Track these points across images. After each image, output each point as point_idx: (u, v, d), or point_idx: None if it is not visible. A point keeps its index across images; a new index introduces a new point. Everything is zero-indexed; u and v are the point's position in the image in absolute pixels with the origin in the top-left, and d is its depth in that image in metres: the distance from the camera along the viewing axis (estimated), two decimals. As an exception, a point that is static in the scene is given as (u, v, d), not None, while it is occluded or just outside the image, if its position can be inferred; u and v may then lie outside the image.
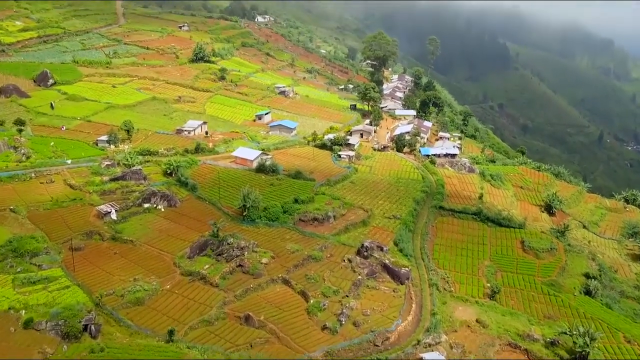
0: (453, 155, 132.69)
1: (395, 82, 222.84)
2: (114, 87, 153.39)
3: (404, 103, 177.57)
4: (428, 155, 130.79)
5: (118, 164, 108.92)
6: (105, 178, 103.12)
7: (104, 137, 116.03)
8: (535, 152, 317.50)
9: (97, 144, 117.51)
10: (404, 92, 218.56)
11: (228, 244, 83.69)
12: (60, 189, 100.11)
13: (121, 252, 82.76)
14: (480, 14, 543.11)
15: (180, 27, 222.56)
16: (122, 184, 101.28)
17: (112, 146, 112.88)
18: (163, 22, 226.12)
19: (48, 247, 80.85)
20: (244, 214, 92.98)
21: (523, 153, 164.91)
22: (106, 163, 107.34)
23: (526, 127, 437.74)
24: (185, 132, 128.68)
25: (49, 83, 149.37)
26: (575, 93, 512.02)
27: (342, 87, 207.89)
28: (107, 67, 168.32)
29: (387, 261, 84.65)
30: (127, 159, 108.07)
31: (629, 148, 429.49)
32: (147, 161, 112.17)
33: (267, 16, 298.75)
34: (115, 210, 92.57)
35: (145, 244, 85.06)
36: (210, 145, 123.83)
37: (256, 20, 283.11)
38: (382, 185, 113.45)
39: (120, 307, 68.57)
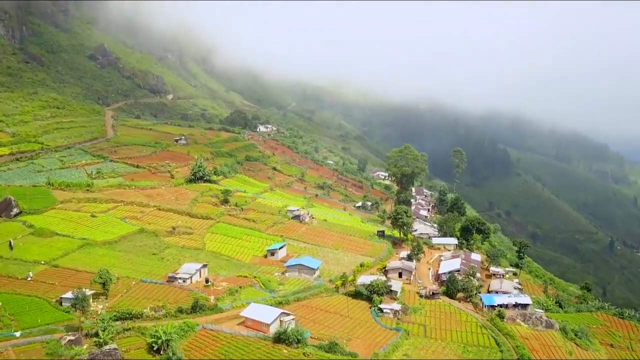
0: (524, 306, 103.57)
1: (417, 199, 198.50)
2: (93, 216, 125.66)
3: (439, 228, 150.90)
4: (493, 307, 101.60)
5: (86, 335, 78.41)
6: (65, 364, 72.00)
7: (70, 295, 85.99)
8: (549, 263, 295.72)
9: (61, 303, 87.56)
10: (428, 209, 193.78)
11: None
12: (-3, 382, 68.81)
13: None
14: (480, 120, 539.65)
15: (176, 141, 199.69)
16: (88, 374, 70.12)
17: (79, 311, 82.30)
18: (157, 135, 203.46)
19: None
20: None
21: (589, 290, 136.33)
22: (68, 338, 76.67)
23: (535, 235, 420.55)
24: (180, 281, 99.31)
25: (12, 213, 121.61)
26: (577, 197, 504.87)
27: (360, 204, 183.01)
28: (87, 190, 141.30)
29: None
30: (99, 331, 77.39)
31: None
32: (127, 329, 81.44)
33: (269, 125, 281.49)
34: None
35: None
36: (212, 299, 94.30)
37: (258, 130, 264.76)
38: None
39: None
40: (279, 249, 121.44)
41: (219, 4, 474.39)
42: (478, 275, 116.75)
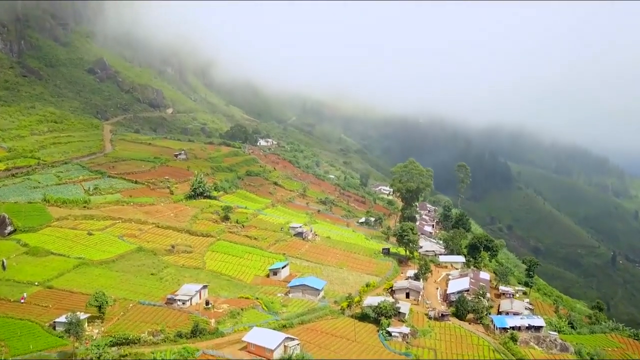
0: (538, 328, 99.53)
1: (421, 215, 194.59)
2: (89, 234, 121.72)
3: (445, 245, 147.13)
4: (505, 329, 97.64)
5: (80, 362, 74.28)
6: (57, 395, 67.84)
7: (63, 319, 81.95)
8: (552, 278, 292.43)
9: (54, 328, 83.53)
10: (432, 225, 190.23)
11: None
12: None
13: None
14: (480, 133, 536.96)
15: (176, 156, 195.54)
16: (81, 406, 65.90)
17: (73, 337, 78.17)
18: (156, 150, 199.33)
19: None
20: None
21: (601, 309, 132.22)
22: (61, 367, 72.54)
23: (537, 249, 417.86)
24: (179, 303, 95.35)
25: (6, 231, 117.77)
26: (578, 211, 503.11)
27: (363, 220, 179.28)
28: (84, 206, 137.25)
29: None
30: (94, 358, 73.28)
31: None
32: (124, 356, 77.32)
33: (269, 139, 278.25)
34: None
35: None
36: (213, 322, 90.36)
37: (259, 144, 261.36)
38: (462, 387, 79.00)
39: None
40: (282, 268, 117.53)
41: (218, 17, 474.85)
42: (488, 295, 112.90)
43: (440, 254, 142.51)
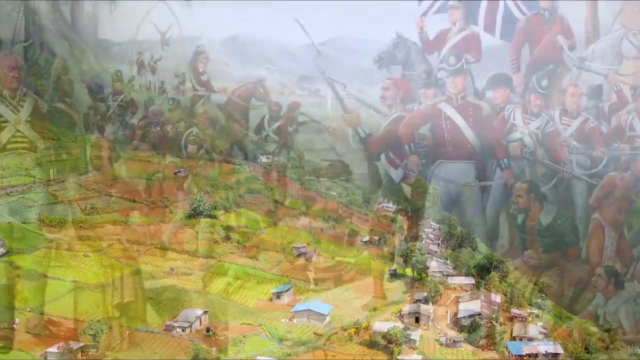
0: (555, 355, 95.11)
1: (426, 233, 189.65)
2: (85, 256, 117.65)
3: (454, 266, 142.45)
4: (522, 356, 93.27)
5: (73, 399, 69.74)
6: None
7: (55, 349, 77.62)
8: (554, 295, 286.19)
9: (46, 358, 79.10)
10: (438, 244, 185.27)
11: None
12: None
13: None
14: (481, 146, 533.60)
15: (175, 174, 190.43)
16: None
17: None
18: (155, 168, 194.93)
19: None
20: None
21: (616, 332, 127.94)
22: (52, 405, 67.93)
23: (541, 265, 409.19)
24: (178, 330, 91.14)
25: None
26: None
27: (367, 239, 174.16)
28: (80, 227, 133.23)
29: None
30: (87, 394, 68.89)
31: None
32: (119, 390, 72.91)
33: (270, 156, 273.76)
34: None
35: None
36: (214, 351, 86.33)
37: (259, 160, 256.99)
38: None
39: None
40: (285, 291, 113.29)
41: (217, 30, 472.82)
42: (501, 319, 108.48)
43: (449, 275, 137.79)
